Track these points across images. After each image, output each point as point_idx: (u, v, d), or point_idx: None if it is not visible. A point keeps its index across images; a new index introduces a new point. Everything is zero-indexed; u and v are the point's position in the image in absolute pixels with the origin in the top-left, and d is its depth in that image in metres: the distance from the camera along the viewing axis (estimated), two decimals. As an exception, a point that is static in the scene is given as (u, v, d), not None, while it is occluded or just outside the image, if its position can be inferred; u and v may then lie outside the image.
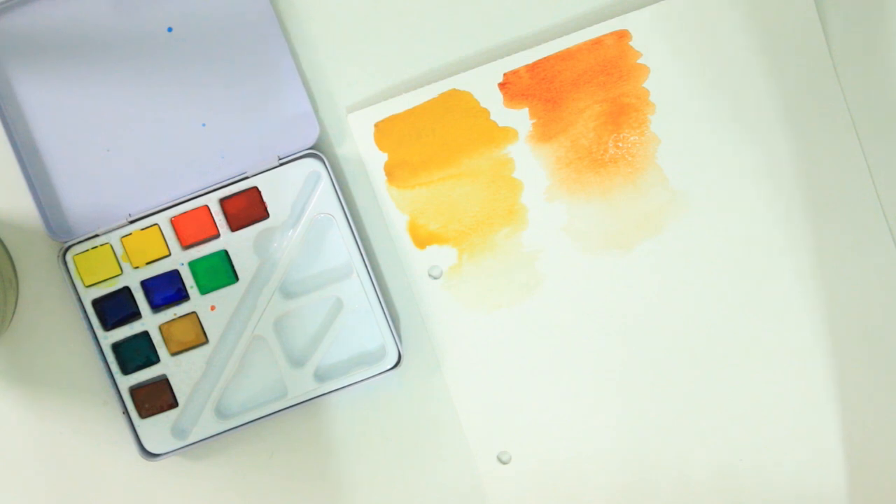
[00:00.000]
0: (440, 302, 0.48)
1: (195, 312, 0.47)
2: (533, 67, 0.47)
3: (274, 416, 0.47)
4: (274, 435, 0.49)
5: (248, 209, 0.46)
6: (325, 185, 0.46)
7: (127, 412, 0.47)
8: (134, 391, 0.47)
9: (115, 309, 0.47)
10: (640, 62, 0.47)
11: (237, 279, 0.47)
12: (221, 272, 0.47)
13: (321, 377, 0.47)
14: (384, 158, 0.47)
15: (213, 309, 0.47)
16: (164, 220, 0.46)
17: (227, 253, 0.47)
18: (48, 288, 0.48)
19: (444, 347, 0.48)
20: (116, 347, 0.47)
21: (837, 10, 0.47)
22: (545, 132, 0.47)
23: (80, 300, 0.47)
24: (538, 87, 0.47)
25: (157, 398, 0.47)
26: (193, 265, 0.47)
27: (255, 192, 0.46)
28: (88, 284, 0.46)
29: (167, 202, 0.47)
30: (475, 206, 0.47)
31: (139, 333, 0.47)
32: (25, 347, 0.48)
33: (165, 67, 0.46)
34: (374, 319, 0.47)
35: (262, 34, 0.46)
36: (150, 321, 0.47)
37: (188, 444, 0.47)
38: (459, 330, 0.48)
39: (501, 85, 0.47)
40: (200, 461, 0.49)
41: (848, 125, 0.47)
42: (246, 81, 0.46)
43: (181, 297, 0.47)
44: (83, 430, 0.48)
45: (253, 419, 0.47)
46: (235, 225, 0.46)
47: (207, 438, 0.47)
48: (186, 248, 0.47)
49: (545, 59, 0.46)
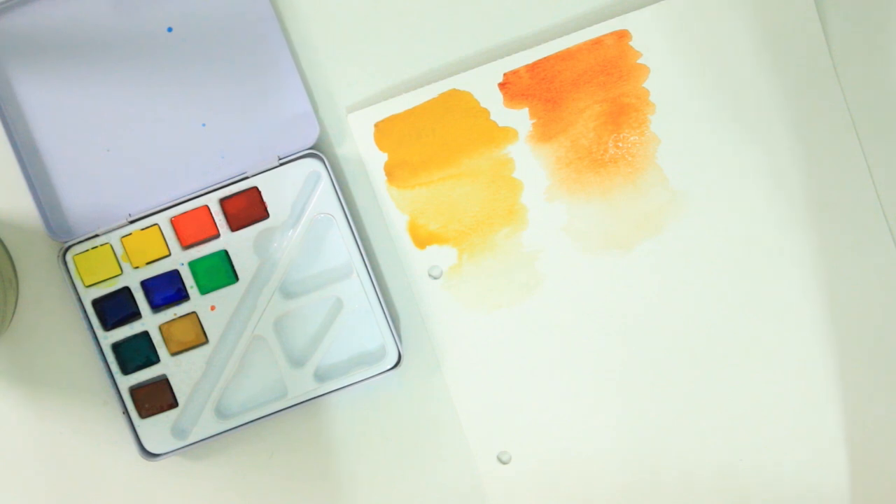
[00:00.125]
0: (440, 302, 0.48)
1: (195, 312, 0.47)
2: (533, 67, 0.47)
3: (274, 416, 0.47)
4: (274, 435, 0.49)
5: (248, 209, 0.46)
6: (325, 185, 0.46)
7: (127, 412, 0.47)
8: (134, 391, 0.47)
9: (115, 309, 0.47)
10: (640, 62, 0.47)
11: (237, 279, 0.47)
12: (221, 272, 0.47)
13: (321, 377, 0.47)
14: (384, 158, 0.47)
15: (213, 309, 0.47)
16: (164, 220, 0.46)
17: (227, 253, 0.47)
18: (48, 288, 0.48)
19: (444, 347, 0.48)
20: (116, 347, 0.47)
21: (837, 10, 0.47)
22: (545, 132, 0.47)
23: (80, 300, 0.47)
24: (538, 87, 0.47)
25: (157, 398, 0.47)
26: (193, 265, 0.47)
27: (255, 192, 0.46)
28: (88, 284, 0.46)
29: (167, 202, 0.47)
30: (475, 206, 0.47)
31: (139, 333, 0.47)
32: (25, 347, 0.48)
33: (165, 67, 0.46)
34: (374, 319, 0.47)
35: (262, 34, 0.46)
36: (150, 321, 0.47)
37: (188, 444, 0.47)
38: (459, 330, 0.48)
39: (501, 85, 0.47)
40: (200, 461, 0.49)
41: (848, 125, 0.46)
42: (246, 81, 0.46)
43: (181, 297, 0.47)
44: (83, 430, 0.48)
45: (253, 419, 0.47)
46: (235, 225, 0.46)
47: (207, 438, 0.47)
48: (186, 248, 0.47)
49: (545, 59, 0.46)
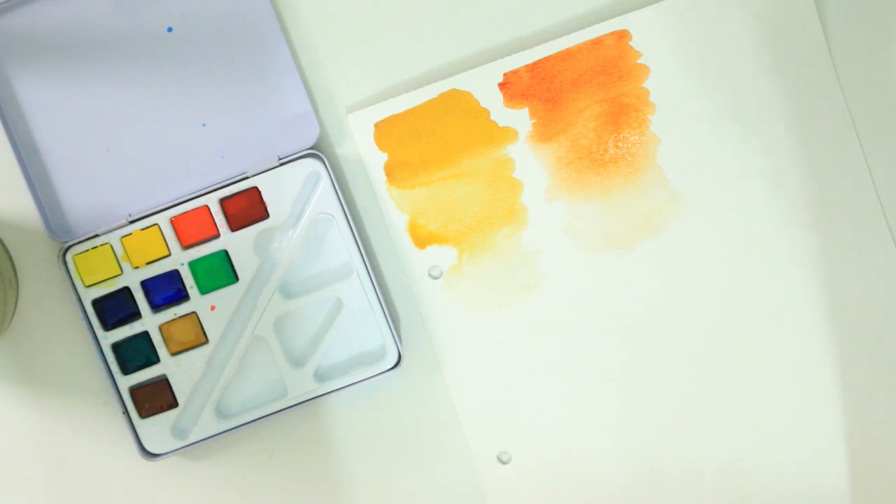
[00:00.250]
0: (440, 302, 0.48)
1: (195, 312, 0.47)
2: (533, 67, 0.47)
3: (274, 416, 0.47)
4: (274, 435, 0.49)
5: (248, 209, 0.46)
6: (325, 185, 0.46)
7: (127, 412, 0.47)
8: (134, 391, 0.47)
9: (115, 309, 0.47)
10: (640, 62, 0.47)
11: (237, 279, 0.47)
12: (221, 272, 0.47)
13: (321, 377, 0.47)
14: (384, 158, 0.47)
15: (213, 309, 0.47)
16: (164, 220, 0.46)
17: (227, 253, 0.47)
18: (48, 288, 0.48)
19: (444, 347, 0.48)
20: (116, 347, 0.47)
21: (837, 10, 0.47)
22: (545, 132, 0.47)
23: (80, 300, 0.47)
24: (538, 87, 0.47)
25: (157, 398, 0.47)
26: (193, 265, 0.46)
27: (255, 192, 0.46)
28: (88, 284, 0.46)
29: (167, 202, 0.47)
30: (475, 206, 0.47)
31: (139, 333, 0.47)
32: (25, 347, 0.48)
33: (165, 67, 0.46)
34: (374, 319, 0.47)
35: (262, 34, 0.46)
36: (150, 321, 0.47)
37: (188, 444, 0.47)
38: (459, 330, 0.48)
39: (501, 85, 0.47)
40: (200, 461, 0.49)
41: (848, 125, 0.46)
42: (246, 81, 0.46)
43: (181, 297, 0.47)
44: (83, 430, 0.48)
45: (253, 419, 0.47)
46: (235, 225, 0.46)
47: (207, 438, 0.47)
48: (186, 248, 0.47)
49: (545, 59, 0.46)
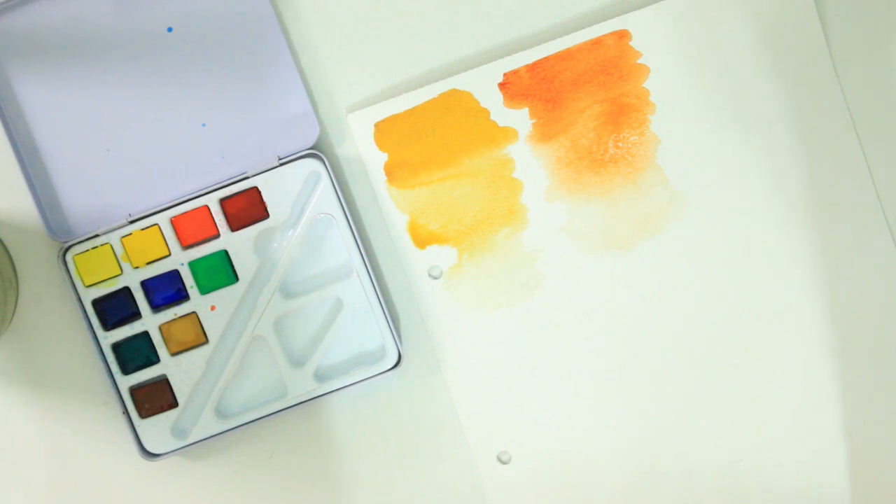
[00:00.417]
0: (440, 302, 0.48)
1: (195, 312, 0.47)
2: (533, 67, 0.47)
3: (274, 416, 0.47)
4: (274, 435, 0.49)
5: (248, 209, 0.46)
6: (325, 185, 0.46)
7: (127, 412, 0.47)
8: (134, 391, 0.47)
9: (115, 309, 0.47)
10: (640, 62, 0.47)
11: (237, 279, 0.47)
12: (221, 272, 0.47)
13: (321, 377, 0.47)
14: (384, 158, 0.47)
15: (213, 309, 0.47)
16: (164, 220, 0.46)
17: (227, 253, 0.47)
18: (48, 288, 0.48)
19: (444, 347, 0.48)
20: (116, 347, 0.47)
21: (837, 10, 0.47)
22: (545, 132, 0.47)
23: (80, 300, 0.47)
24: (538, 87, 0.47)
25: (157, 398, 0.47)
26: (193, 265, 0.46)
27: (255, 192, 0.46)
28: (88, 284, 0.46)
29: (167, 202, 0.47)
30: (475, 206, 0.47)
31: (139, 333, 0.47)
32: (25, 347, 0.48)
33: (165, 67, 0.46)
34: (374, 319, 0.47)
35: (262, 34, 0.46)
36: (150, 321, 0.47)
37: (188, 444, 0.47)
38: (459, 330, 0.48)
39: (501, 85, 0.47)
40: (200, 461, 0.49)
41: (848, 125, 0.46)
42: (246, 81, 0.46)
43: (181, 297, 0.47)
44: (83, 430, 0.48)
45: (253, 419, 0.47)
46: (235, 225, 0.46)
47: (207, 438, 0.47)
48: (186, 248, 0.47)
49: (545, 59, 0.46)
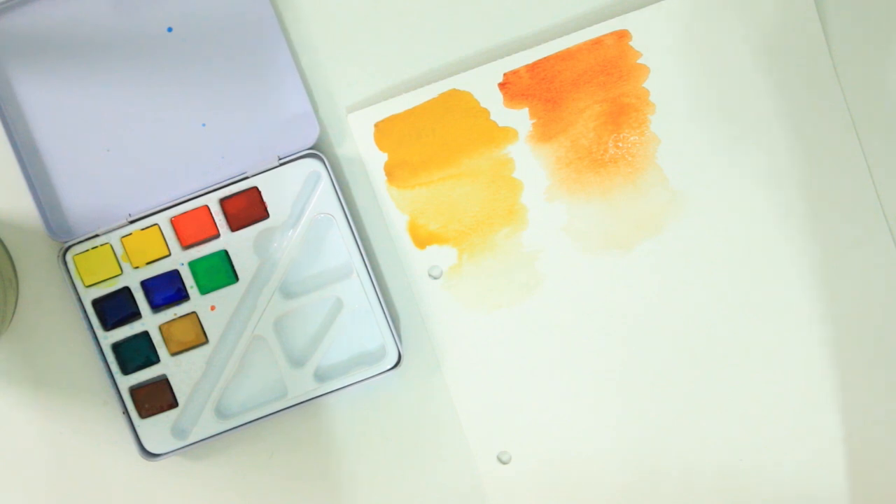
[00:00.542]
0: (440, 302, 0.48)
1: (195, 312, 0.47)
2: (533, 67, 0.47)
3: (274, 416, 0.47)
4: (274, 435, 0.49)
5: (248, 209, 0.46)
6: (325, 185, 0.46)
7: (127, 412, 0.47)
8: (134, 391, 0.47)
9: (115, 309, 0.47)
10: (640, 62, 0.47)
11: (237, 279, 0.47)
12: (221, 272, 0.47)
13: (321, 377, 0.47)
14: (384, 158, 0.47)
15: (213, 309, 0.47)
16: (164, 220, 0.46)
17: (227, 253, 0.47)
18: (48, 288, 0.48)
19: (444, 347, 0.48)
20: (116, 347, 0.47)
21: (837, 10, 0.47)
22: (545, 132, 0.47)
23: (80, 300, 0.47)
24: (538, 87, 0.47)
25: (157, 398, 0.47)
26: (193, 265, 0.46)
27: (255, 192, 0.46)
28: (88, 284, 0.46)
29: (167, 202, 0.47)
30: (475, 206, 0.47)
31: (139, 333, 0.47)
32: (25, 347, 0.48)
33: (165, 67, 0.46)
34: (374, 319, 0.47)
35: (262, 34, 0.46)
36: (150, 321, 0.47)
37: (188, 444, 0.47)
38: (459, 330, 0.48)
39: (501, 85, 0.47)
40: (200, 461, 0.49)
41: (848, 125, 0.46)
42: (246, 81, 0.46)
43: (181, 297, 0.47)
44: (83, 430, 0.48)
45: (253, 419, 0.47)
46: (235, 225, 0.46)
47: (207, 438, 0.47)
48: (186, 248, 0.47)
49: (545, 59, 0.46)
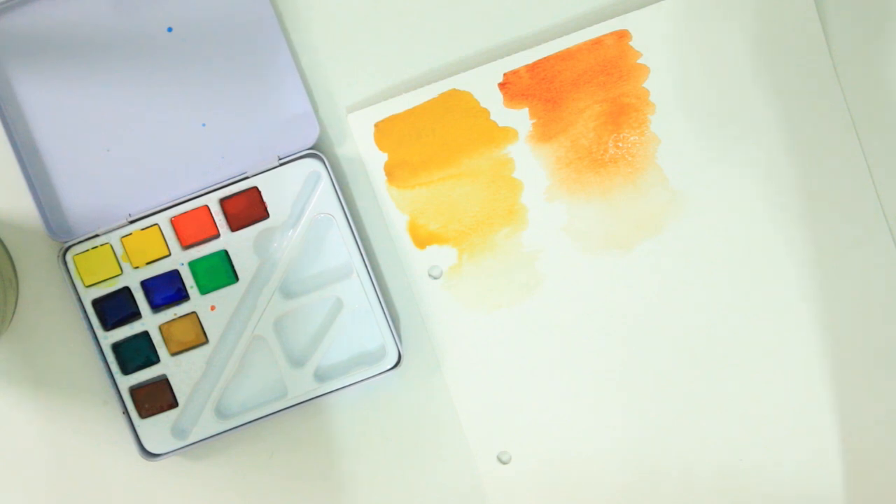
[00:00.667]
0: (440, 302, 0.48)
1: (195, 312, 0.47)
2: (533, 67, 0.47)
3: (274, 416, 0.47)
4: (274, 435, 0.49)
5: (248, 209, 0.46)
6: (325, 185, 0.46)
7: (127, 412, 0.47)
8: (134, 391, 0.47)
9: (115, 309, 0.47)
10: (640, 62, 0.47)
11: (237, 279, 0.47)
12: (221, 272, 0.47)
13: (321, 377, 0.47)
14: (384, 158, 0.47)
15: (213, 309, 0.47)
16: (164, 220, 0.46)
17: (227, 253, 0.47)
18: (48, 288, 0.48)
19: (444, 347, 0.48)
20: (116, 347, 0.47)
21: (837, 10, 0.47)
22: (545, 132, 0.47)
23: (80, 300, 0.47)
24: (538, 87, 0.47)
25: (157, 398, 0.47)
26: (193, 265, 0.47)
27: (255, 192, 0.46)
28: (88, 284, 0.46)
29: (167, 202, 0.47)
30: (475, 206, 0.47)
31: (139, 333, 0.47)
32: (25, 347, 0.48)
33: (165, 67, 0.46)
34: (374, 319, 0.47)
35: (262, 34, 0.46)
36: (150, 321, 0.47)
37: (188, 444, 0.47)
38: (459, 330, 0.48)
39: (501, 85, 0.47)
40: (200, 461, 0.49)
41: (848, 125, 0.46)
42: (246, 81, 0.46)
43: (181, 297, 0.47)
44: (83, 430, 0.48)
45: (253, 419, 0.47)
46: (235, 225, 0.46)
47: (207, 438, 0.47)
48: (186, 248, 0.47)
49: (545, 59, 0.46)
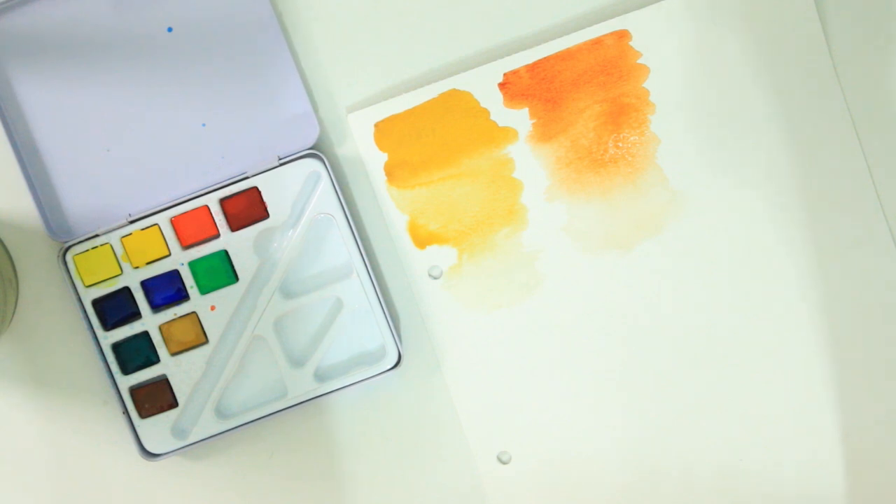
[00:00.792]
0: (440, 302, 0.48)
1: (195, 312, 0.47)
2: (533, 67, 0.47)
3: (274, 416, 0.47)
4: (274, 435, 0.49)
5: (248, 209, 0.46)
6: (325, 185, 0.46)
7: (127, 412, 0.47)
8: (134, 391, 0.47)
9: (115, 309, 0.47)
10: (640, 62, 0.47)
11: (237, 279, 0.47)
12: (221, 272, 0.47)
13: (321, 377, 0.47)
14: (384, 158, 0.47)
15: (213, 309, 0.47)
16: (164, 220, 0.46)
17: (227, 253, 0.47)
18: (48, 288, 0.48)
19: (444, 347, 0.48)
20: (116, 347, 0.47)
21: (837, 10, 0.47)
22: (545, 132, 0.47)
23: (80, 300, 0.47)
24: (538, 87, 0.47)
25: (157, 398, 0.47)
26: (193, 265, 0.46)
27: (255, 192, 0.46)
28: (88, 284, 0.46)
29: (167, 202, 0.47)
30: (475, 206, 0.47)
31: (139, 333, 0.47)
32: (25, 347, 0.48)
33: (165, 67, 0.46)
34: (374, 319, 0.47)
35: (262, 34, 0.46)
36: (150, 321, 0.47)
37: (188, 444, 0.47)
38: (459, 330, 0.48)
39: (501, 85, 0.47)
40: (200, 461, 0.49)
41: (848, 125, 0.46)
42: (246, 81, 0.46)
43: (181, 297, 0.47)
44: (83, 430, 0.48)
45: (253, 419, 0.47)
46: (235, 225, 0.46)
47: (207, 438, 0.47)
48: (186, 248, 0.47)
49: (545, 59, 0.46)
